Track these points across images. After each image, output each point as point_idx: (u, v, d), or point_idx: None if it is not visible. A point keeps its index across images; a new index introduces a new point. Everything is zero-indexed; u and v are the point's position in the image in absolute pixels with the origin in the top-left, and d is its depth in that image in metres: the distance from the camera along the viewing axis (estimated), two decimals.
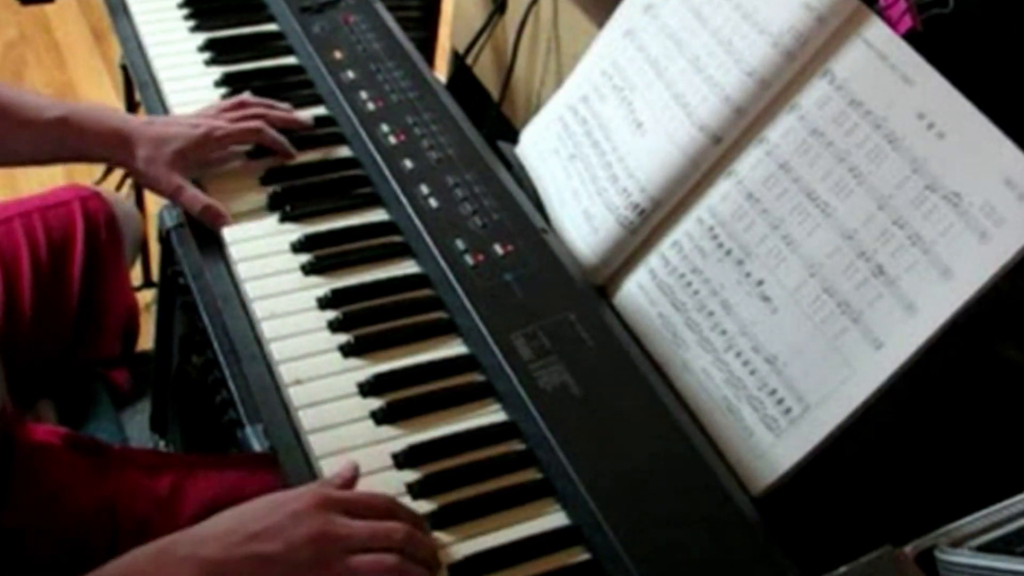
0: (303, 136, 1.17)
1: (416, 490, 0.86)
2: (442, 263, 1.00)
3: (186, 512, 1.03)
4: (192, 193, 1.07)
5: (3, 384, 1.02)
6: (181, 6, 1.35)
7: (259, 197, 1.10)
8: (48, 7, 2.76)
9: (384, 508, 0.82)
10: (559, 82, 1.17)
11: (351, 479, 0.84)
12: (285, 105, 1.18)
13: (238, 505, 0.79)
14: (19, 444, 1.03)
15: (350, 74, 1.21)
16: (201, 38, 1.29)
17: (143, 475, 1.05)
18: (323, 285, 1.01)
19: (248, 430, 0.98)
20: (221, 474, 1.06)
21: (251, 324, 0.98)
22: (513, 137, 1.18)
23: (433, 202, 1.06)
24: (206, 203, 1.07)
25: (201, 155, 1.10)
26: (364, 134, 1.13)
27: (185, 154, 1.08)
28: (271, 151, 1.14)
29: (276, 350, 0.95)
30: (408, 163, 1.10)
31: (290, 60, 1.28)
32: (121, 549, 1.01)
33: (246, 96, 1.17)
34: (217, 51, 1.28)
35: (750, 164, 0.95)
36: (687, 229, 0.98)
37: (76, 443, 1.08)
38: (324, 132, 1.18)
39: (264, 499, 0.80)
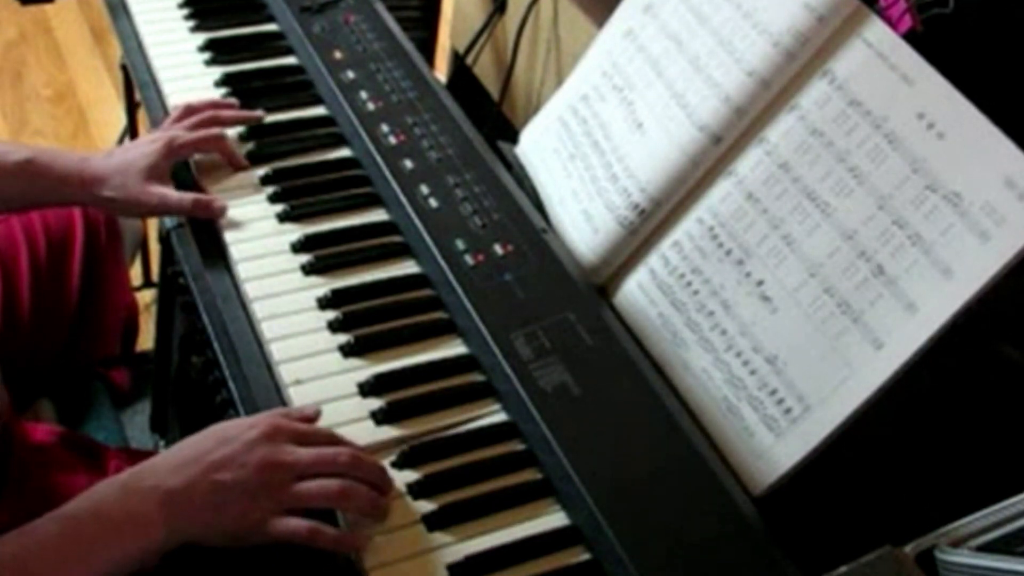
0: (304, 136, 1.17)
1: (416, 490, 0.86)
2: (442, 263, 1.00)
3: None
4: (178, 196, 1.07)
5: (1, 384, 1.02)
6: (181, 6, 1.35)
7: (259, 197, 1.10)
8: (48, 7, 2.76)
9: (327, 437, 0.86)
10: (559, 82, 1.17)
11: (311, 418, 0.87)
12: (231, 101, 1.19)
13: (196, 434, 0.84)
14: (16, 444, 1.03)
15: (350, 74, 1.21)
16: (201, 38, 1.29)
17: None
18: (323, 285, 1.01)
19: None
20: None
21: (251, 324, 0.98)
22: (513, 137, 1.18)
23: (433, 202, 1.06)
24: (194, 197, 1.07)
25: (167, 166, 1.09)
26: (364, 134, 1.13)
27: (153, 169, 1.07)
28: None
29: (276, 350, 0.95)
30: (408, 163, 1.10)
31: (290, 60, 1.28)
32: None
33: (191, 102, 1.16)
34: (217, 51, 1.28)
35: (750, 164, 0.95)
36: (687, 229, 0.98)
37: (73, 443, 1.07)
38: (324, 132, 1.18)
39: (221, 428, 0.84)
